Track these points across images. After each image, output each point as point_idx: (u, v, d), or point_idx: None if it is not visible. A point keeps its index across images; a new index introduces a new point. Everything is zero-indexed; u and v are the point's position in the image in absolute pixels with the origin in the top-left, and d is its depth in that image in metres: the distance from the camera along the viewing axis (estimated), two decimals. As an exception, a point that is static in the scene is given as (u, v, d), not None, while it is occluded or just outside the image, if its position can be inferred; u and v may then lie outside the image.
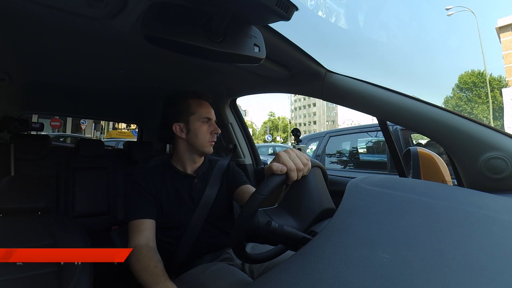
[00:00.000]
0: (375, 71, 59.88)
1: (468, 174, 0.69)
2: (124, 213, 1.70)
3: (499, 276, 0.32)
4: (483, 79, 24.81)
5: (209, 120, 0.99)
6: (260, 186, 0.53)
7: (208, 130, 0.98)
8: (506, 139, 0.67)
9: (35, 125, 1.99)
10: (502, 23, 25.78)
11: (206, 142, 0.98)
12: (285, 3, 0.49)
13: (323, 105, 52.11)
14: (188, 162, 1.00)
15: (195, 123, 0.97)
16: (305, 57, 0.90)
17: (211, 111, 1.01)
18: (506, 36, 25.51)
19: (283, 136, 43.63)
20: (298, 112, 55.86)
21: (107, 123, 17.25)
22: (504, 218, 0.44)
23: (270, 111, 49.32)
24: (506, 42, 25.47)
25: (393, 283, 0.32)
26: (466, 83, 26.09)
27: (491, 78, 25.41)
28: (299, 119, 55.10)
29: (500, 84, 24.62)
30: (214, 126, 1.00)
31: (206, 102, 1.01)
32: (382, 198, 0.49)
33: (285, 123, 45.62)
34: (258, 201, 0.52)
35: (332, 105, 52.12)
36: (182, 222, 0.93)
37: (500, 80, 25.30)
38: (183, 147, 0.99)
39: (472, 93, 25.51)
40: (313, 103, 53.50)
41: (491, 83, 24.85)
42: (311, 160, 0.73)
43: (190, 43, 0.54)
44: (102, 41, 0.91)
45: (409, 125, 0.80)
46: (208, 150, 0.99)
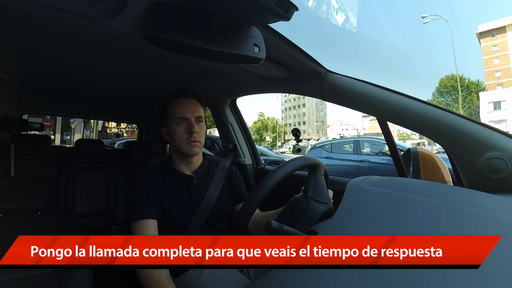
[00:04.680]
0: (375, 72, 60.17)
1: (468, 174, 0.69)
2: (124, 213, 1.70)
3: (499, 276, 0.32)
4: (462, 83, 25.36)
5: (185, 119, 0.94)
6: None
7: (184, 131, 0.93)
8: (506, 139, 0.67)
9: (35, 125, 1.99)
10: (482, 29, 26.66)
11: (184, 144, 0.93)
12: (285, 3, 0.49)
13: (312, 106, 52.77)
14: (182, 163, 0.99)
15: (171, 125, 0.94)
16: (305, 57, 0.90)
17: (188, 109, 0.94)
18: (486, 41, 26.38)
19: (272, 136, 43.91)
20: (288, 112, 56.27)
21: (96, 122, 17.25)
22: (504, 218, 0.44)
23: (260, 112, 49.36)
24: (486, 47, 26.34)
25: (393, 283, 0.32)
26: (446, 86, 26.59)
27: (470, 82, 26.19)
28: (289, 120, 55.59)
29: (478, 88, 25.24)
30: (191, 124, 0.93)
31: (186, 99, 0.96)
32: (382, 198, 0.49)
33: (274, 124, 45.96)
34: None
35: (321, 105, 52.83)
36: (183, 223, 0.93)
37: (478, 84, 25.99)
38: (173, 150, 1.00)
39: (450, 97, 25.96)
40: (302, 104, 53.92)
41: (470, 87, 25.49)
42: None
43: (190, 43, 0.54)
44: (102, 41, 0.91)
45: (409, 125, 0.80)
46: (189, 151, 0.94)
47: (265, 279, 0.37)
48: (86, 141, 1.88)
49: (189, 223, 0.92)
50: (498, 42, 25.69)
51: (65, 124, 15.47)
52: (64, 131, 15.54)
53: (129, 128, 23.37)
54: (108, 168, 1.77)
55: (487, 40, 26.22)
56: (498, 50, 25.68)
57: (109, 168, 1.77)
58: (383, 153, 5.48)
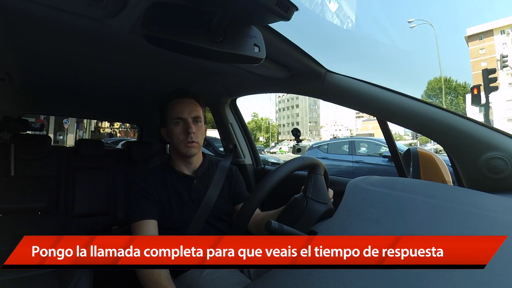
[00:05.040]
0: (375, 73, 60.32)
1: (468, 174, 0.69)
2: (124, 213, 1.70)
3: (499, 276, 0.32)
4: (450, 85, 25.78)
5: (182, 120, 0.94)
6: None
7: (181, 131, 0.93)
8: (506, 139, 0.67)
9: (35, 125, 1.99)
10: (470, 32, 27.59)
11: (181, 144, 0.93)
12: (285, 3, 0.49)
13: (306, 107, 53.44)
14: (182, 163, 0.99)
15: (169, 126, 0.95)
16: (305, 57, 0.90)
17: (186, 109, 0.94)
18: (474, 44, 27.29)
19: (266, 137, 44.06)
20: (282, 113, 56.79)
21: (88, 122, 17.15)
22: (504, 218, 0.44)
23: (254, 112, 49.46)
24: (473, 50, 27.23)
25: (393, 283, 0.32)
26: (433, 89, 26.98)
27: (457, 84, 26.94)
28: (282, 120, 56.21)
29: (465, 90, 25.74)
30: (188, 125, 0.93)
31: (185, 99, 0.96)
32: (382, 198, 0.49)
33: (268, 124, 46.23)
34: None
35: (315, 106, 53.45)
36: (183, 223, 0.93)
37: (465, 87, 26.60)
38: (172, 150, 1.00)
39: (438, 100, 26.46)
40: (296, 105, 54.52)
41: (457, 89, 25.95)
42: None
43: (190, 43, 0.54)
44: (102, 41, 0.91)
45: (409, 125, 0.80)
46: (186, 152, 0.94)
47: (265, 279, 0.37)
48: (86, 141, 1.88)
49: (189, 223, 0.92)
50: (486, 45, 26.69)
51: (58, 124, 15.43)
52: (57, 131, 15.52)
53: (122, 128, 23.36)
54: (108, 168, 1.77)
55: (475, 43, 27.24)
56: (486, 53, 26.61)
57: (109, 168, 1.77)
58: (383, 155, 5.47)
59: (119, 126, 22.88)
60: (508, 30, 25.83)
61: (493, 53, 25.65)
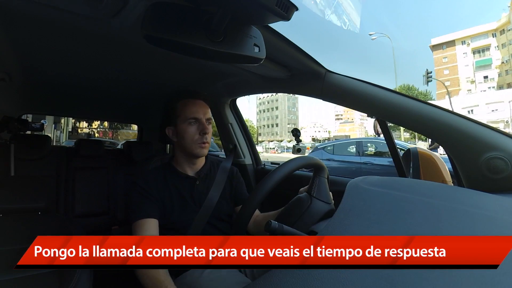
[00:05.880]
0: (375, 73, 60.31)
1: (468, 174, 0.69)
2: (124, 213, 1.70)
3: (499, 276, 0.32)
4: (412, 93, 27.22)
5: (197, 120, 0.94)
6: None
7: (196, 131, 0.93)
8: (506, 139, 0.67)
9: (35, 125, 1.99)
10: (435, 42, 29.84)
11: (195, 144, 0.93)
12: (285, 3, 0.49)
13: (285, 109, 54.66)
14: (186, 164, 0.99)
15: (181, 125, 0.94)
16: (305, 57, 0.90)
17: (200, 110, 0.94)
18: (438, 53, 29.57)
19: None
20: (262, 114, 57.71)
21: (66, 123, 16.87)
22: (504, 218, 0.44)
23: None
24: (437, 59, 29.49)
25: (393, 283, 0.32)
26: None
27: (418, 92, 28.48)
28: (263, 122, 57.22)
29: (426, 98, 26.95)
30: (204, 125, 0.93)
31: (197, 101, 0.96)
32: (382, 198, 0.49)
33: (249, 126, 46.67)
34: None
35: (294, 109, 54.59)
36: (183, 223, 0.93)
37: (426, 94, 28.40)
38: (178, 150, 0.99)
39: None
40: (275, 107, 55.46)
41: (418, 97, 27.35)
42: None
43: (190, 43, 0.53)
44: (102, 41, 0.91)
45: (409, 125, 0.80)
46: (198, 153, 0.94)
47: (265, 279, 0.37)
48: (86, 141, 1.88)
49: (190, 223, 0.92)
50: (448, 55, 29.08)
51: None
52: (34, 131, 15.28)
53: (100, 128, 23.17)
54: (108, 168, 1.77)
55: (439, 52, 29.54)
56: (448, 61, 29.03)
57: (109, 168, 1.77)
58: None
59: (97, 126, 22.71)
60: (469, 40, 28.32)
61: (454, 62, 28.68)
